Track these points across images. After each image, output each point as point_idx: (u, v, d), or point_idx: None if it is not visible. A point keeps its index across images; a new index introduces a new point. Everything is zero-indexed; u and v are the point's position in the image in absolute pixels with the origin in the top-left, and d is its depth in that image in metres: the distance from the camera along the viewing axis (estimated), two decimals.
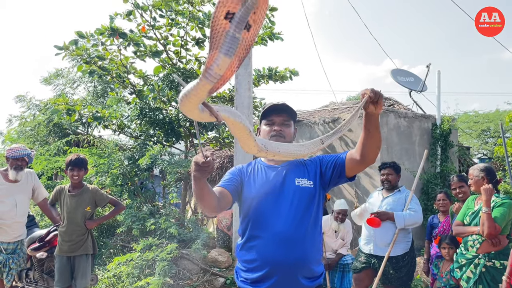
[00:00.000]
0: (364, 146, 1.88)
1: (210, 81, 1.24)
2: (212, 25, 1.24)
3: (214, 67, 1.23)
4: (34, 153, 4.14)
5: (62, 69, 13.50)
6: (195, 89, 1.26)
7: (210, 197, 1.81)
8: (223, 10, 1.23)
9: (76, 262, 3.89)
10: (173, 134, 7.66)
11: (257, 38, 7.76)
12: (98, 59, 7.22)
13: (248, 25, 1.27)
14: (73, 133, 10.43)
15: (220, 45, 1.24)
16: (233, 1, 1.22)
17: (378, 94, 1.73)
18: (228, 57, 1.24)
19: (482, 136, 19.76)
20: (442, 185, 6.90)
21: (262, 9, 1.27)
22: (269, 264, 1.93)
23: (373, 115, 1.78)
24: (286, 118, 2.12)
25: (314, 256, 2.02)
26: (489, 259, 3.17)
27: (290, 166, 2.12)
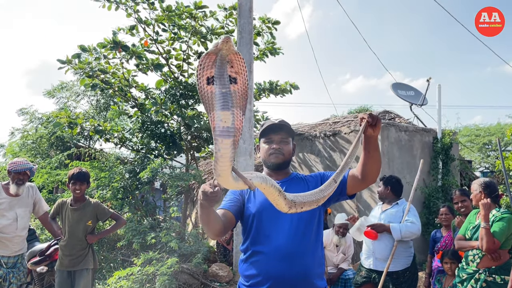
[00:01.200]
0: (364, 166, 1.92)
1: (225, 136, 1.33)
2: (201, 95, 1.38)
3: (219, 123, 1.34)
4: (36, 167, 4.15)
5: (67, 82, 13.59)
6: (218, 150, 1.33)
7: (216, 222, 1.85)
8: (203, 79, 1.38)
9: (76, 277, 3.86)
10: (175, 147, 7.68)
11: (259, 53, 7.84)
12: (101, 73, 7.28)
13: (232, 79, 1.40)
14: (75, 146, 10.46)
15: (214, 105, 1.36)
16: (206, 67, 1.37)
17: (375, 118, 1.79)
18: (226, 110, 1.35)
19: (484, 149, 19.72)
20: (444, 199, 6.88)
21: (238, 61, 1.40)
22: (271, 279, 1.93)
23: (372, 137, 1.83)
24: (284, 136, 2.14)
25: (316, 271, 2.02)
26: (490, 274, 3.15)
27: (291, 182, 2.13)
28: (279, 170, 2.16)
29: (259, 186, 1.45)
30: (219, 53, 1.36)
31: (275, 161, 2.12)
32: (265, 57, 7.90)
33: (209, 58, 1.38)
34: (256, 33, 7.67)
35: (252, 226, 2.03)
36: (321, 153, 7.53)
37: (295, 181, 2.14)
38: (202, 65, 1.39)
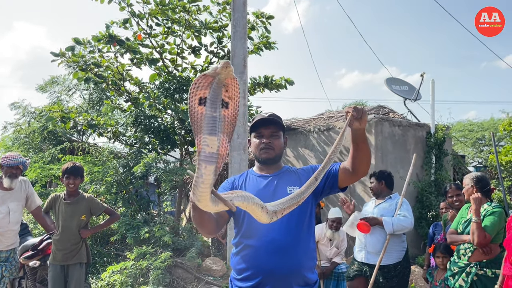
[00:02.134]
0: (354, 159, 1.92)
1: (208, 162, 1.31)
2: (191, 114, 1.36)
3: (205, 148, 1.32)
4: (29, 161, 4.12)
5: (57, 76, 13.47)
6: (200, 176, 1.32)
7: (209, 222, 1.84)
8: (196, 98, 1.36)
9: (70, 271, 3.86)
10: (168, 142, 7.66)
11: (253, 47, 7.82)
12: (94, 66, 7.23)
13: (224, 103, 1.38)
14: (68, 141, 10.38)
15: (201, 128, 1.34)
16: (201, 87, 1.35)
17: (360, 111, 1.79)
18: (213, 135, 1.33)
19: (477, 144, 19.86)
20: (437, 193, 6.93)
21: (233, 86, 1.39)
22: (262, 273, 1.94)
23: (359, 129, 1.83)
24: (274, 130, 2.13)
25: (308, 264, 2.03)
26: (481, 268, 3.18)
27: (282, 175, 2.13)
28: (270, 164, 2.16)
29: (241, 205, 1.44)
30: (217, 76, 1.35)
31: (266, 156, 2.12)
32: (260, 51, 7.87)
33: (206, 79, 1.36)
34: (251, 28, 7.64)
35: (244, 220, 2.03)
36: (315, 147, 7.54)
37: (287, 174, 2.14)
38: (197, 84, 1.37)
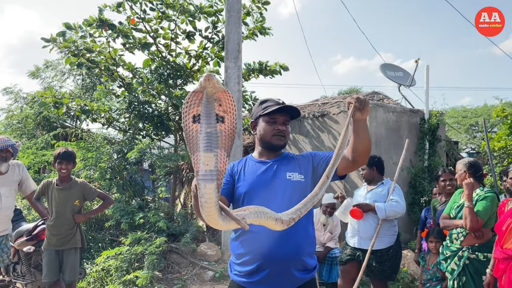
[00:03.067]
0: (355, 149, 1.92)
1: (208, 180, 1.29)
2: (186, 134, 1.34)
3: (201, 167, 1.29)
4: (19, 143, 4.06)
5: (50, 61, 13.31)
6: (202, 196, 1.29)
7: None
8: (189, 117, 1.33)
9: (64, 256, 3.86)
10: (163, 127, 7.63)
11: (248, 32, 7.75)
12: (86, 52, 7.14)
13: (220, 118, 1.35)
14: (61, 127, 10.33)
15: (197, 146, 1.32)
16: (193, 105, 1.33)
17: (363, 101, 1.79)
18: (209, 152, 1.31)
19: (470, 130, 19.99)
20: (430, 179, 6.98)
21: (226, 99, 1.35)
22: (262, 258, 1.94)
23: (360, 120, 1.84)
24: (287, 118, 2.13)
25: (307, 249, 2.04)
26: (473, 252, 3.23)
27: (281, 161, 2.13)
28: (276, 151, 2.15)
29: (254, 222, 1.42)
30: (204, 91, 1.32)
31: (278, 143, 2.10)
32: (255, 36, 7.81)
33: (196, 96, 1.33)
34: (246, 13, 7.56)
35: (242, 204, 2.02)
36: (310, 133, 7.54)
37: (286, 160, 2.13)
38: (189, 102, 1.34)
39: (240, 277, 2.03)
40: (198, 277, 5.63)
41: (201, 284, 5.47)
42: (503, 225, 2.96)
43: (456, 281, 3.26)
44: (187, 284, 5.42)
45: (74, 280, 3.93)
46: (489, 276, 3.08)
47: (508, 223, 2.93)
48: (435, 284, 3.80)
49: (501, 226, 2.97)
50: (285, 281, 1.96)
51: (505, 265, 2.89)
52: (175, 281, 5.41)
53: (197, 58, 7.81)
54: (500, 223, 2.99)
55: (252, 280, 1.98)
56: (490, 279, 3.07)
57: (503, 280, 2.91)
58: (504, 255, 2.89)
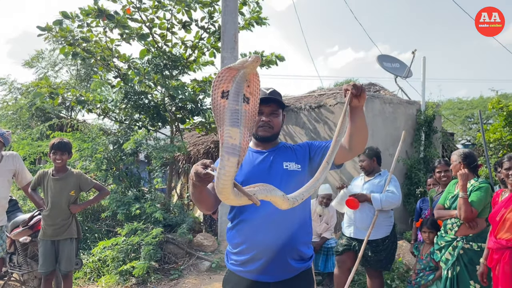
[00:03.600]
0: (351, 136, 1.91)
1: (232, 154, 1.32)
2: (213, 106, 1.38)
3: (227, 139, 1.33)
4: (9, 133, 4.01)
5: (43, 50, 13.19)
6: (222, 168, 1.31)
7: (208, 199, 1.83)
8: (218, 91, 1.37)
9: (60, 246, 3.86)
10: (159, 118, 7.60)
11: (244, 23, 7.71)
12: (83, 41, 7.08)
13: (246, 98, 1.39)
14: (56, 117, 10.27)
15: (224, 120, 1.36)
16: (224, 81, 1.36)
17: (359, 88, 1.76)
18: (235, 127, 1.34)
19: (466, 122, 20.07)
20: (426, 170, 7.01)
21: (255, 81, 1.40)
22: (258, 247, 1.95)
23: (357, 107, 1.82)
24: (274, 108, 2.10)
25: (303, 239, 2.04)
26: (467, 242, 3.26)
27: (278, 151, 2.12)
28: (267, 142, 2.14)
29: (265, 198, 1.45)
30: (243, 70, 1.34)
31: (263, 134, 2.10)
32: (251, 27, 7.76)
33: (230, 72, 1.37)
34: (242, 3, 7.51)
35: None
36: (306, 125, 7.55)
37: (283, 150, 2.13)
38: (221, 77, 1.37)
39: (236, 266, 2.03)
40: (195, 268, 5.66)
41: (197, 274, 5.50)
42: (497, 215, 2.99)
43: (450, 271, 3.30)
44: (183, 274, 5.44)
45: (70, 271, 3.94)
46: (483, 266, 3.12)
47: (502, 214, 2.95)
48: (429, 273, 3.84)
49: (495, 216, 3.00)
50: (281, 270, 1.97)
51: (499, 255, 2.92)
52: (172, 271, 5.43)
53: (193, 49, 7.76)
54: (494, 213, 3.02)
55: (248, 269, 1.98)
56: (484, 269, 3.10)
57: (497, 270, 2.95)
58: (498, 245, 2.92)
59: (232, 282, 2.06)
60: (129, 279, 5.09)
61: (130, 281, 5.07)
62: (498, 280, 2.92)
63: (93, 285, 5.16)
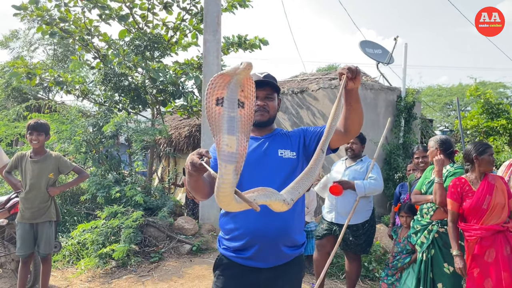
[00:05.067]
0: (347, 119, 1.89)
1: (229, 161, 1.31)
2: (208, 115, 1.35)
3: (224, 148, 1.32)
4: None
5: (17, 30, 12.80)
6: (221, 176, 1.31)
7: (204, 187, 1.82)
8: (213, 99, 1.35)
9: (39, 229, 3.82)
10: (139, 101, 7.50)
11: (227, 5, 7.60)
12: (60, 21, 6.88)
13: (240, 103, 1.37)
14: (34, 98, 10.02)
15: (220, 128, 1.34)
16: (218, 87, 1.35)
17: (354, 71, 1.74)
18: (231, 135, 1.33)
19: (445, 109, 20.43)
20: (405, 156, 7.13)
21: (249, 86, 1.38)
22: (250, 234, 1.93)
23: (352, 89, 1.80)
24: (269, 92, 2.07)
25: (296, 226, 2.02)
26: (442, 226, 3.35)
27: (273, 138, 2.10)
28: (263, 127, 2.11)
29: (265, 203, 1.44)
30: (236, 77, 1.33)
31: (260, 119, 2.06)
32: (234, 9, 7.67)
33: (223, 79, 1.35)
34: None
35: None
36: (289, 110, 7.56)
37: (278, 137, 2.11)
38: (214, 84, 1.35)
39: (229, 252, 2.01)
40: (175, 251, 5.67)
41: (178, 257, 5.52)
42: (482, 203, 2.98)
43: (425, 254, 3.38)
44: (164, 257, 5.45)
45: (49, 253, 3.90)
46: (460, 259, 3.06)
47: (488, 201, 2.99)
48: (405, 256, 3.93)
49: (480, 205, 2.99)
50: (274, 257, 1.96)
51: (490, 242, 2.97)
52: (152, 254, 5.44)
53: (174, 30, 7.64)
54: (478, 202, 3.00)
55: (240, 255, 1.97)
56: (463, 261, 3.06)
57: (486, 256, 2.96)
58: (489, 232, 2.96)
59: (224, 265, 2.04)
60: (109, 262, 5.08)
61: (110, 264, 5.06)
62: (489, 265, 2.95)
63: (72, 268, 5.13)
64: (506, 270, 2.91)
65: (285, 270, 2.01)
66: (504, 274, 2.91)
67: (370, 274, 4.97)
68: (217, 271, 2.07)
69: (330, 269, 5.02)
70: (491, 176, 3.09)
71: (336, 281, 4.82)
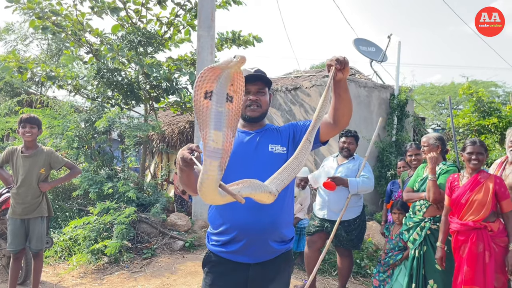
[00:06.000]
0: (336, 110, 1.88)
1: (214, 158, 1.30)
2: (195, 108, 1.34)
3: (210, 144, 1.30)
4: None
5: (13, 23, 12.66)
6: (205, 172, 1.30)
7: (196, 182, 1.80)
8: (201, 92, 1.33)
9: (31, 225, 3.79)
10: (133, 96, 7.46)
11: (221, 1, 7.58)
12: (52, 14, 6.81)
13: (229, 97, 1.35)
14: (25, 93, 9.93)
15: (207, 123, 1.32)
16: (207, 81, 1.32)
17: (343, 62, 1.72)
18: (218, 130, 1.32)
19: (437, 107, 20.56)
20: (397, 153, 7.17)
21: (239, 80, 1.35)
22: (238, 228, 1.93)
23: (341, 79, 1.79)
24: (261, 86, 2.06)
25: (284, 220, 2.02)
26: (434, 223, 3.38)
27: (264, 133, 2.09)
28: (255, 122, 2.10)
29: (249, 195, 1.43)
30: (227, 70, 1.30)
31: (252, 114, 2.05)
32: (228, 5, 7.64)
33: (213, 72, 1.32)
34: None
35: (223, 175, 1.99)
36: (282, 106, 7.56)
37: (269, 132, 2.10)
38: (204, 77, 1.32)
39: (217, 247, 2.01)
40: (168, 247, 5.67)
41: (170, 253, 5.52)
42: (461, 198, 3.08)
43: (417, 250, 3.42)
44: (156, 253, 5.45)
45: (41, 249, 3.88)
46: (440, 250, 3.22)
47: (467, 197, 3.05)
48: (397, 253, 3.96)
49: (459, 199, 3.09)
50: (262, 252, 1.96)
51: (465, 237, 3.03)
52: (145, 250, 5.43)
53: (168, 26, 7.60)
54: (458, 196, 3.10)
55: (228, 250, 1.97)
56: (442, 252, 3.22)
57: (461, 250, 3.06)
58: (464, 227, 3.03)
59: (212, 262, 2.04)
60: (101, 258, 5.06)
61: (102, 260, 5.04)
62: (463, 260, 3.04)
63: (64, 263, 5.11)
64: (469, 266, 2.98)
65: (273, 265, 2.02)
66: (466, 269, 2.99)
67: (362, 271, 5.01)
68: (206, 268, 2.07)
69: (322, 266, 5.05)
70: (484, 174, 3.11)
71: (328, 278, 4.85)
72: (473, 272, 2.97)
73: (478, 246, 2.97)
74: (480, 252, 2.97)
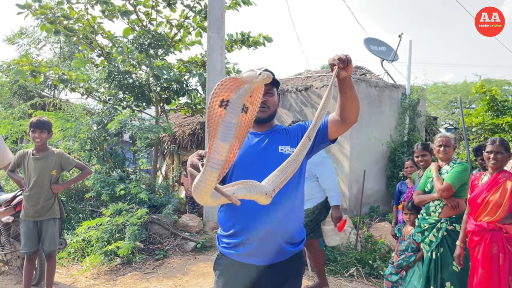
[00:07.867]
0: (343, 107, 1.87)
1: (215, 169, 1.29)
2: (208, 114, 1.30)
3: (215, 155, 1.29)
4: None
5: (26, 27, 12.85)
6: (203, 180, 1.30)
7: None
8: (217, 99, 1.29)
9: (43, 226, 3.83)
10: (144, 99, 7.51)
11: (231, 2, 7.60)
12: (64, 19, 6.90)
13: (245, 108, 1.33)
14: (39, 96, 10.06)
15: (217, 133, 1.30)
16: (226, 90, 1.28)
17: (346, 60, 1.71)
18: (226, 143, 1.30)
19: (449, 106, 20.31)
20: (409, 153, 7.10)
21: (258, 92, 1.33)
22: (249, 230, 1.92)
23: (345, 77, 1.77)
24: (269, 87, 2.05)
25: (295, 223, 2.01)
26: (451, 223, 3.33)
27: (274, 134, 2.08)
28: (263, 123, 2.10)
29: (244, 197, 1.42)
30: (250, 84, 1.27)
31: (261, 115, 2.04)
32: (238, 6, 7.66)
33: (235, 83, 1.29)
34: None
35: (232, 177, 1.97)
36: (293, 107, 7.55)
37: (278, 133, 2.09)
38: (224, 85, 1.29)
39: (228, 249, 2.00)
40: (180, 248, 5.69)
41: (182, 254, 5.54)
42: (478, 198, 3.04)
43: (434, 252, 3.36)
44: (168, 254, 5.47)
45: (54, 250, 3.92)
46: (459, 248, 3.19)
47: (483, 196, 3.01)
48: (410, 255, 3.92)
49: (476, 199, 3.05)
50: (273, 254, 1.95)
51: (480, 238, 2.99)
52: (157, 251, 5.46)
53: (178, 28, 7.64)
54: (475, 196, 3.07)
55: (240, 252, 1.95)
56: (461, 251, 3.18)
57: (476, 251, 3.01)
58: (479, 228, 2.98)
59: (223, 265, 2.03)
60: (114, 259, 5.10)
61: (115, 261, 5.08)
62: (478, 261, 2.99)
63: (78, 265, 5.16)
64: (483, 268, 2.94)
65: (285, 267, 2.00)
66: (481, 271, 2.95)
67: (375, 272, 4.97)
68: (217, 271, 2.06)
69: (335, 267, 5.02)
70: (506, 174, 3.04)
71: (341, 279, 4.82)
72: (488, 274, 2.92)
73: (492, 247, 2.93)
74: (495, 254, 2.92)
